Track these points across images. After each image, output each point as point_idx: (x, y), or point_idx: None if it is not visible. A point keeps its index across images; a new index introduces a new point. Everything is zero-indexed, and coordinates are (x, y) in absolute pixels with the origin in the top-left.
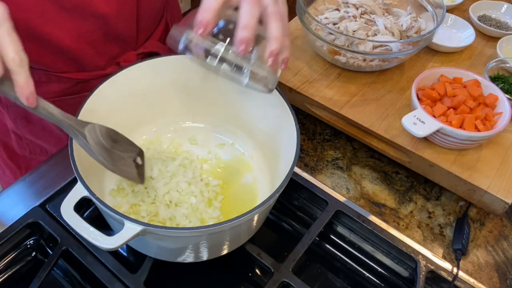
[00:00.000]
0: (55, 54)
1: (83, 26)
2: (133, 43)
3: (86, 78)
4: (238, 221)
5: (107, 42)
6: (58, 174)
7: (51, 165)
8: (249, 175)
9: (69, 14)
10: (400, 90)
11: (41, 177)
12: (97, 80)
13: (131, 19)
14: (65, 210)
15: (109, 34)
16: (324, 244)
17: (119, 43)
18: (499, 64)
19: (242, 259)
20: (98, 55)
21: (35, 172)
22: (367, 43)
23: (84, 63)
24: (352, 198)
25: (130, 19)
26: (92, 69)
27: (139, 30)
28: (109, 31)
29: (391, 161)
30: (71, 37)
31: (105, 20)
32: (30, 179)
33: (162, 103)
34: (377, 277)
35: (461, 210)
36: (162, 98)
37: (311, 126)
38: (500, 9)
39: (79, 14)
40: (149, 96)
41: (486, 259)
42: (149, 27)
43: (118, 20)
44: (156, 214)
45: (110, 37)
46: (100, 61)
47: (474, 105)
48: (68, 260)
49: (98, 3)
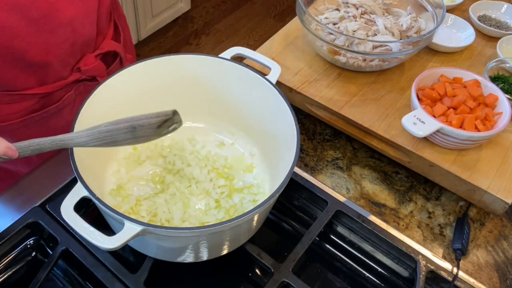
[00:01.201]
0: (18, 69)
1: (51, 38)
2: (92, 45)
3: (50, 90)
4: (238, 221)
5: (72, 52)
6: (58, 174)
7: (51, 165)
8: (249, 175)
9: (37, 27)
10: (400, 90)
11: (41, 177)
12: (60, 90)
13: (93, 20)
14: (65, 210)
15: (75, 44)
16: (324, 244)
17: (82, 49)
18: (499, 64)
19: (242, 259)
20: (62, 66)
21: (35, 172)
22: (367, 43)
23: (47, 76)
24: (352, 198)
25: (92, 20)
26: (55, 80)
27: (98, 31)
28: (76, 40)
29: (391, 161)
30: (39, 51)
31: (72, 26)
32: (30, 179)
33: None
34: (377, 277)
35: (461, 210)
36: (162, 98)
37: (311, 126)
38: (500, 9)
39: (47, 26)
40: (148, 96)
41: (486, 259)
42: (104, 27)
43: (83, 24)
44: (171, 218)
45: (76, 46)
46: (63, 71)
47: (474, 105)
48: (68, 260)
49: (65, 7)
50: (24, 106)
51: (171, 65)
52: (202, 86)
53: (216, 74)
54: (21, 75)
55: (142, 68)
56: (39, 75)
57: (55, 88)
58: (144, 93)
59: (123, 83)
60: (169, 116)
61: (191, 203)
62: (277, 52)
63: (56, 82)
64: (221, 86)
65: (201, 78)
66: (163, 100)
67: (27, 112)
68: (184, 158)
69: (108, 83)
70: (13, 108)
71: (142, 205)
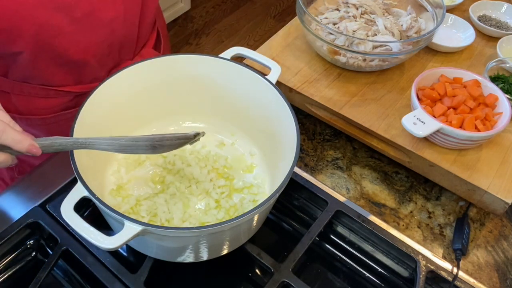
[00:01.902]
0: (57, 66)
1: (91, 38)
2: (131, 51)
3: (85, 90)
4: (238, 221)
5: (110, 53)
6: (58, 174)
7: (51, 165)
8: (249, 175)
9: (79, 26)
10: (400, 90)
11: (41, 177)
12: None
13: (135, 24)
14: (65, 210)
15: (113, 45)
16: (324, 244)
17: (119, 53)
18: (499, 64)
19: (242, 259)
20: (99, 67)
21: (35, 172)
22: (367, 43)
23: (84, 75)
24: (352, 198)
25: (133, 23)
26: (91, 81)
27: (139, 36)
28: (114, 41)
29: (391, 161)
30: (79, 50)
31: (111, 27)
32: (30, 179)
33: (162, 104)
34: (377, 277)
35: (461, 210)
36: (162, 98)
37: (311, 126)
38: (500, 9)
39: (88, 25)
40: (149, 96)
41: (486, 259)
42: (146, 33)
43: (123, 25)
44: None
45: (114, 47)
46: (100, 72)
47: (474, 105)
48: (68, 260)
49: (106, 8)
50: (58, 102)
51: (171, 65)
52: (202, 86)
53: (216, 74)
54: (59, 72)
55: (142, 68)
56: (76, 74)
57: (90, 88)
58: (144, 93)
59: (123, 83)
60: (190, 138)
61: (191, 203)
62: (277, 52)
63: (92, 83)
64: (221, 86)
65: (201, 78)
66: (163, 100)
67: (60, 108)
68: (184, 158)
69: (108, 83)
70: (48, 103)
71: (142, 205)
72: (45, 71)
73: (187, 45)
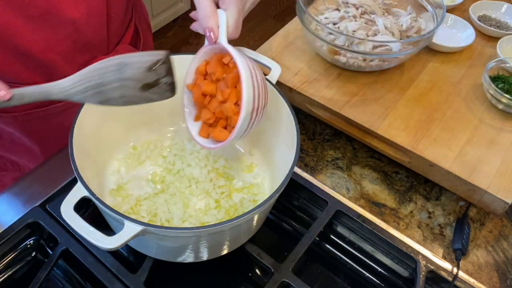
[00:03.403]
0: (23, 64)
1: (51, 36)
2: (103, 48)
3: None
4: (238, 221)
5: (76, 50)
6: (58, 174)
7: (51, 165)
8: (249, 175)
9: (36, 25)
10: (400, 90)
11: (41, 177)
12: None
13: (101, 23)
14: (65, 210)
15: (78, 42)
16: (324, 244)
17: (89, 50)
18: (499, 64)
19: (242, 259)
20: (67, 64)
21: (35, 173)
22: (367, 43)
23: (53, 73)
24: (352, 198)
25: (100, 23)
26: (62, 78)
27: (109, 35)
28: (78, 39)
29: (391, 161)
30: (39, 48)
31: (74, 26)
32: (30, 179)
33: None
34: (377, 277)
35: (461, 210)
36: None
37: (311, 126)
38: (500, 9)
39: (47, 23)
40: None
41: (486, 259)
42: (119, 31)
43: (87, 26)
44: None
45: (79, 44)
46: (69, 69)
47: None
48: (68, 260)
49: (67, 7)
50: None
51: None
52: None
53: None
54: (26, 70)
55: None
56: (44, 72)
57: None
58: None
59: None
60: (161, 56)
61: (191, 203)
62: (277, 52)
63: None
64: None
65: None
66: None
67: (32, 106)
68: (184, 158)
69: None
70: None
71: (142, 205)
72: (11, 68)
73: (187, 45)
